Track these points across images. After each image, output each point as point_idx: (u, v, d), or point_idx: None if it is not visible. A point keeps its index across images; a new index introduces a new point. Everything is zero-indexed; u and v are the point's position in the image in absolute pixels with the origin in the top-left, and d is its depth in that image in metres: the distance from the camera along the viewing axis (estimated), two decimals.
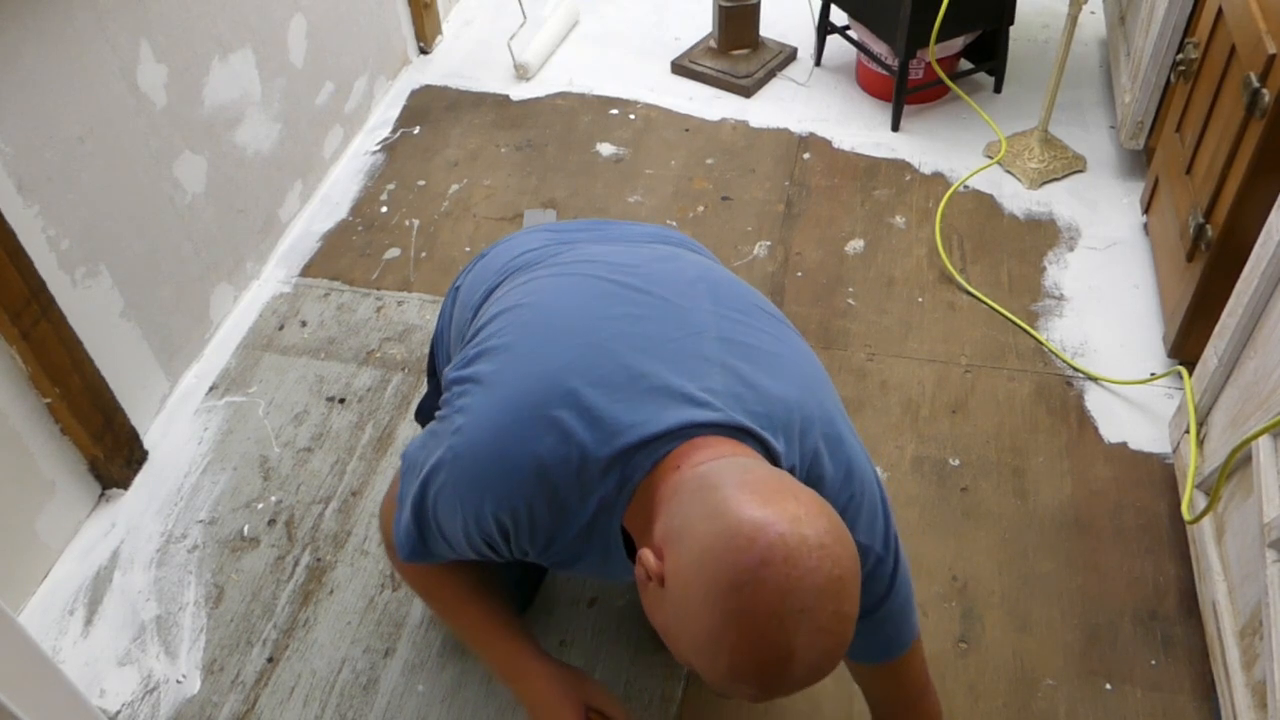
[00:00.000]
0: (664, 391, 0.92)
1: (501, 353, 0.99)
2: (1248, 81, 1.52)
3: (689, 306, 1.02)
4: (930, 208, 2.23)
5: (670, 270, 1.09)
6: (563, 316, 1.01)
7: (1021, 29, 2.73)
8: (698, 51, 2.68)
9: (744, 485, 0.81)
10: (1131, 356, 1.90)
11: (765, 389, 0.96)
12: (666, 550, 0.82)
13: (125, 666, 1.52)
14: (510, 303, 1.06)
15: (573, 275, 1.09)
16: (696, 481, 0.84)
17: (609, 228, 1.29)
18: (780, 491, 0.81)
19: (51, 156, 1.53)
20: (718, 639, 0.77)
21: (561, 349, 0.96)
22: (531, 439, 0.91)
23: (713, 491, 0.81)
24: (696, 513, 0.81)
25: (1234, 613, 1.36)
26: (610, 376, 0.93)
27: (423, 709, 1.46)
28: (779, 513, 0.77)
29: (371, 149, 2.44)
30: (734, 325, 1.02)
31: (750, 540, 0.76)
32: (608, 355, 0.95)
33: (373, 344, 1.98)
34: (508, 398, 0.95)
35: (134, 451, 1.75)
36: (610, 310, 1.00)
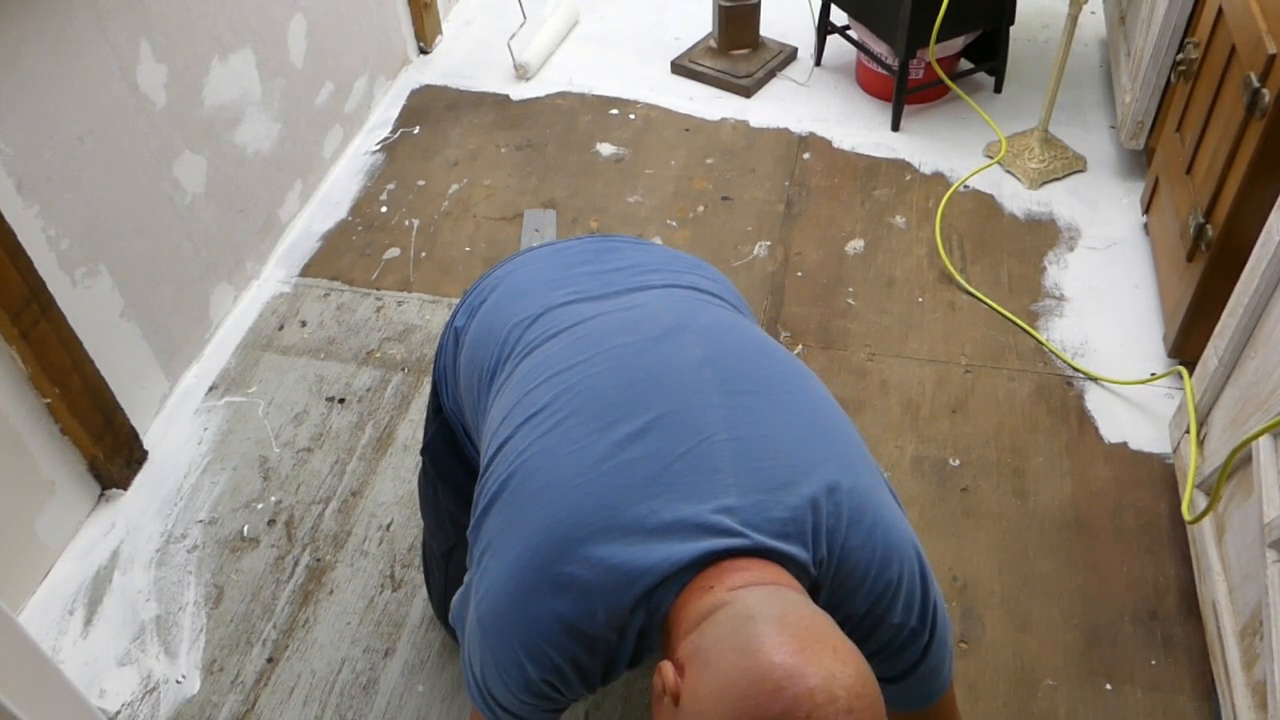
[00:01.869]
0: (677, 526, 0.88)
1: (506, 506, 0.96)
2: (1248, 81, 1.52)
3: (697, 404, 0.96)
4: (930, 208, 2.23)
5: (673, 356, 1.02)
6: (556, 462, 0.95)
7: (1021, 29, 2.73)
8: (698, 51, 2.68)
9: (783, 625, 0.78)
10: (1131, 356, 1.90)
11: (786, 491, 0.91)
12: (688, 669, 0.80)
13: (125, 666, 1.52)
14: (507, 431, 1.01)
15: (565, 391, 1.01)
16: (733, 608, 0.81)
17: (612, 256, 1.22)
18: (820, 641, 0.77)
19: (51, 156, 1.53)
20: None
21: (563, 506, 0.91)
22: (550, 599, 0.88)
23: (748, 624, 0.78)
24: (728, 642, 0.78)
25: (1234, 613, 1.36)
26: (616, 523, 0.89)
27: (423, 709, 1.46)
28: (814, 665, 0.75)
29: (371, 149, 2.44)
30: (746, 414, 0.96)
31: (778, 687, 0.73)
32: (608, 498, 0.90)
33: (373, 344, 1.98)
34: (518, 561, 0.91)
35: (134, 451, 1.75)
36: (609, 435, 0.94)
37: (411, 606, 1.57)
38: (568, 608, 0.88)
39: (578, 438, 0.95)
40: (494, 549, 0.94)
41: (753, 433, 0.94)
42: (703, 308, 1.13)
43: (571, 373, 1.02)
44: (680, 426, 0.94)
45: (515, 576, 0.91)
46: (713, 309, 1.14)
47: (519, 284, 1.21)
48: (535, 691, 0.92)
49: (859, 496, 0.94)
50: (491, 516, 0.97)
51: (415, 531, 1.67)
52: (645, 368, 1.00)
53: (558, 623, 0.88)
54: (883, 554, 0.94)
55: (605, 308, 1.11)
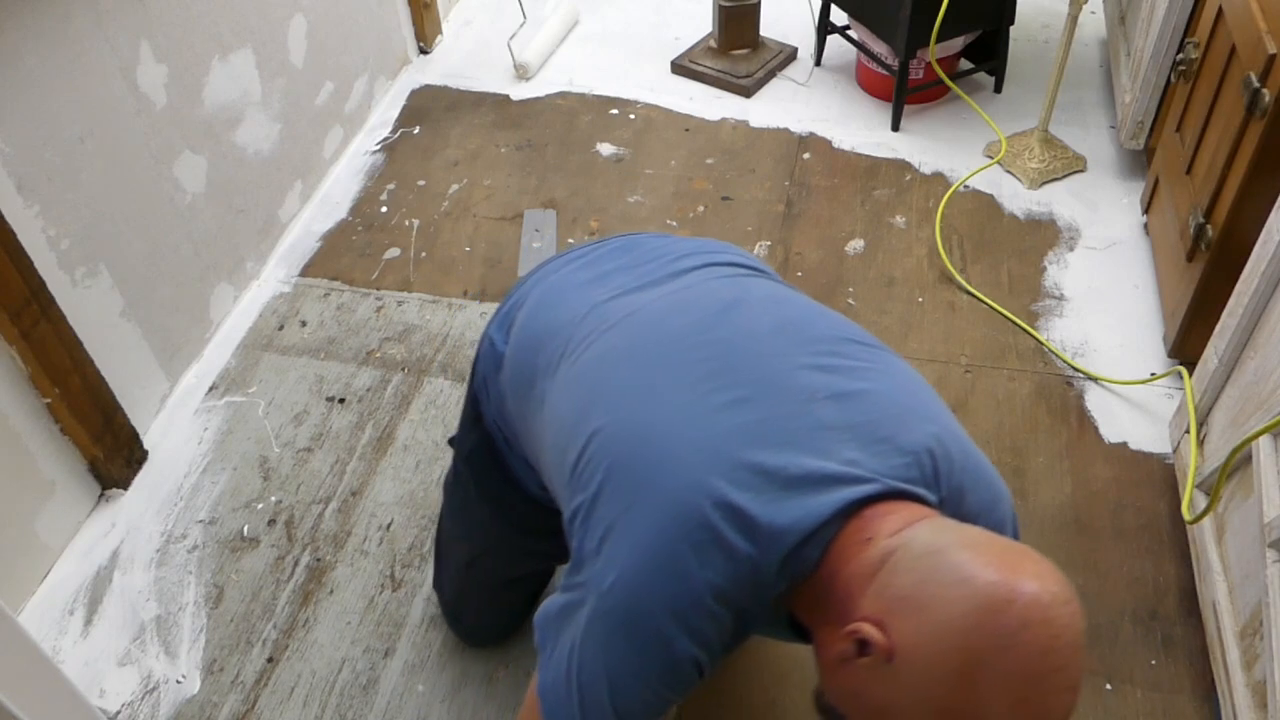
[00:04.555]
0: (809, 479, 0.86)
1: (618, 489, 0.91)
2: (1248, 81, 1.52)
3: (783, 368, 0.95)
4: (930, 208, 2.23)
5: (743, 326, 1.00)
6: (663, 426, 0.91)
7: (1021, 29, 2.73)
8: (698, 51, 2.68)
9: (972, 545, 0.79)
10: (1131, 356, 1.90)
11: (899, 439, 0.91)
12: (892, 622, 0.78)
13: (125, 666, 1.52)
14: (592, 424, 0.96)
15: (642, 367, 0.98)
16: (912, 549, 0.80)
17: (640, 249, 1.20)
18: (1011, 550, 0.79)
19: (51, 156, 1.53)
20: (973, 707, 0.75)
21: (683, 463, 0.88)
22: (698, 567, 0.84)
23: (943, 556, 0.78)
24: (932, 578, 0.77)
25: (1234, 613, 1.36)
26: (747, 478, 0.86)
27: (423, 709, 1.46)
28: (1024, 573, 0.76)
29: (371, 149, 2.44)
30: (836, 376, 0.95)
31: (1007, 602, 0.74)
32: (733, 455, 0.87)
33: (373, 344, 1.98)
34: (654, 533, 0.86)
35: (134, 451, 1.75)
36: (708, 403, 0.91)
37: (411, 606, 1.57)
38: (719, 574, 0.84)
39: (681, 408, 0.92)
40: (616, 533, 0.89)
41: (849, 388, 0.94)
42: (751, 281, 1.12)
43: (644, 359, 0.99)
44: (777, 390, 0.93)
45: (656, 549, 0.86)
46: (762, 281, 1.12)
47: (553, 291, 1.18)
48: (679, 675, 0.88)
49: (960, 441, 0.96)
50: (601, 506, 0.91)
51: (415, 531, 1.67)
52: (719, 340, 0.98)
53: (708, 590, 0.85)
54: (991, 495, 0.97)
55: (652, 295, 1.09)
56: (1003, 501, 0.98)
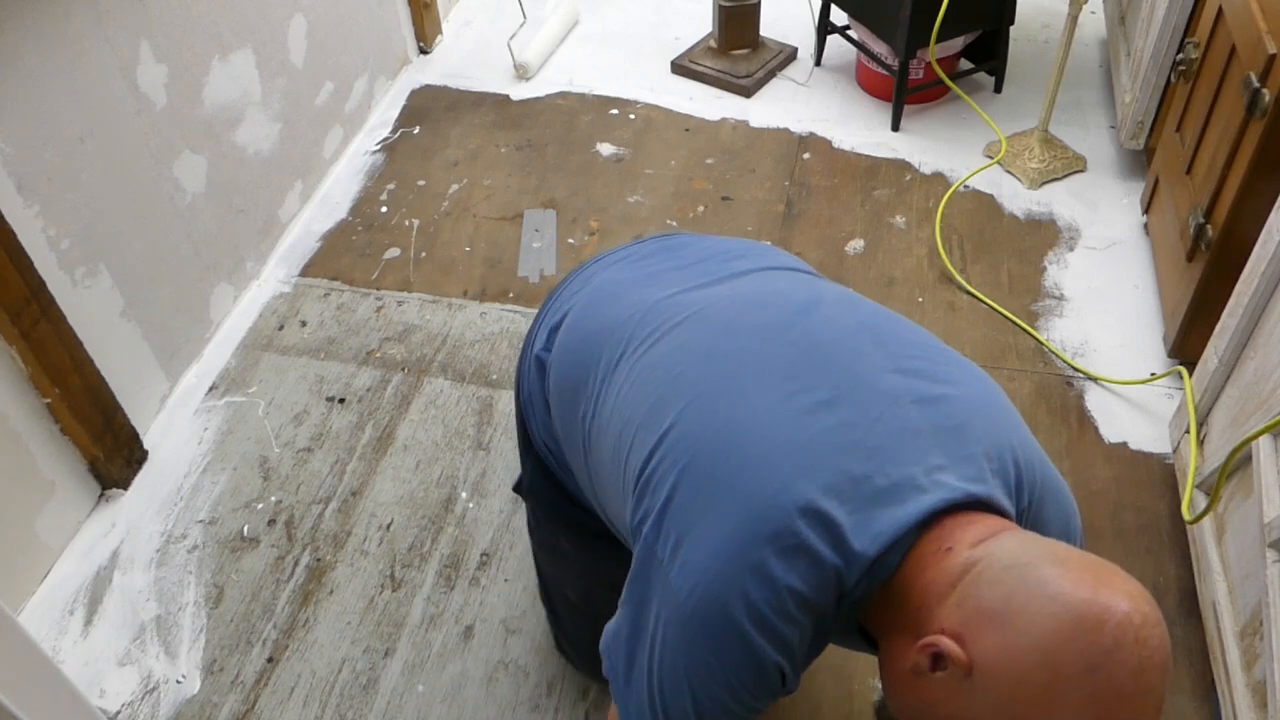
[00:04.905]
0: (892, 490, 0.84)
1: (697, 490, 0.87)
2: (1248, 81, 1.52)
3: (869, 370, 0.92)
4: (930, 208, 2.23)
5: (824, 325, 0.97)
6: (747, 426, 0.87)
7: (1021, 29, 2.73)
8: (698, 51, 2.68)
9: (1065, 563, 0.76)
10: (1131, 356, 1.90)
11: (984, 447, 0.89)
12: (974, 636, 0.76)
13: (125, 666, 1.52)
14: (667, 420, 0.91)
15: (721, 362, 0.93)
16: (997, 561, 0.78)
17: (686, 250, 1.15)
18: (1101, 567, 0.77)
19: (51, 156, 1.53)
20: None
21: (769, 466, 0.85)
22: (785, 571, 0.82)
23: (1032, 571, 0.75)
24: (1021, 592, 0.75)
25: (1234, 613, 1.36)
26: (836, 484, 0.83)
27: (423, 709, 1.46)
28: (1116, 591, 0.74)
29: (371, 149, 2.44)
30: (920, 380, 0.92)
31: (1100, 621, 0.72)
32: (822, 460, 0.85)
33: (373, 344, 1.98)
34: (736, 538, 0.83)
35: (134, 451, 1.75)
36: (795, 404, 0.88)
37: (411, 606, 1.57)
38: (804, 581, 0.82)
39: (766, 408, 0.88)
40: (694, 537, 0.85)
41: (934, 393, 0.91)
42: (820, 283, 1.08)
43: (722, 353, 0.95)
44: (864, 393, 0.90)
45: (740, 553, 0.82)
46: (828, 284, 1.10)
47: (602, 291, 1.12)
48: (763, 682, 0.85)
49: (1038, 453, 0.95)
50: (676, 509, 0.87)
51: (415, 531, 1.67)
52: (802, 339, 0.95)
53: (791, 596, 0.82)
54: (1067, 511, 0.96)
55: (719, 293, 1.04)
56: (1075, 518, 0.97)
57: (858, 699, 1.45)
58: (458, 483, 1.74)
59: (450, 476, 1.75)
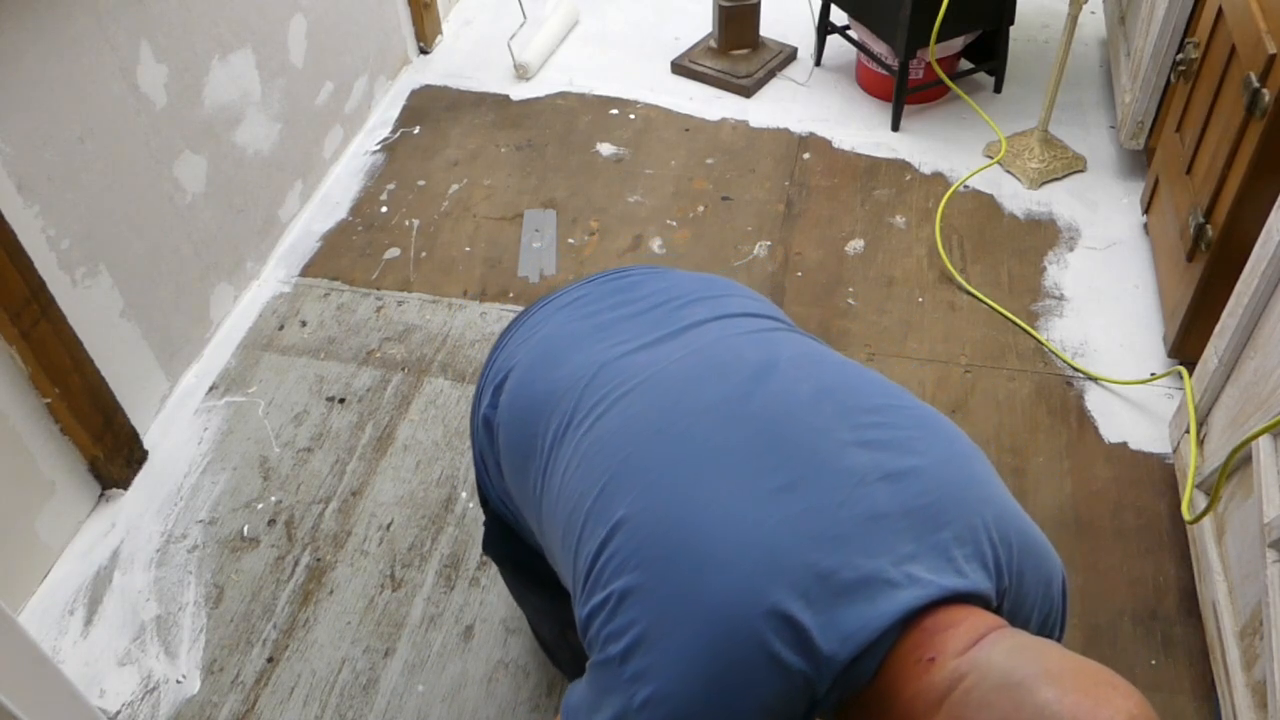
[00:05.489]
0: (861, 585, 0.79)
1: (650, 592, 0.81)
2: (1248, 81, 1.52)
3: (831, 446, 0.87)
4: (930, 208, 2.23)
5: (781, 396, 0.92)
6: (702, 522, 0.82)
7: (1021, 29, 2.73)
8: (698, 51, 2.68)
9: (1058, 680, 0.72)
10: (1131, 356, 1.90)
11: (957, 525, 0.85)
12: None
13: (125, 666, 1.52)
14: (617, 512, 0.86)
15: (674, 444, 0.88)
16: (987, 678, 0.73)
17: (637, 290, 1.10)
18: (1097, 683, 0.73)
19: (51, 156, 1.52)
20: None
21: (729, 568, 0.79)
22: (752, 683, 0.77)
23: (1022, 692, 0.71)
24: (1008, 708, 0.71)
25: (1234, 613, 1.36)
26: (801, 583, 0.79)
27: (423, 709, 1.46)
28: (1111, 711, 0.70)
29: (371, 149, 2.44)
30: (886, 453, 0.87)
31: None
32: (785, 557, 0.80)
33: (373, 344, 1.98)
34: (697, 652, 0.78)
35: (134, 451, 1.75)
36: (755, 491, 0.83)
37: (411, 606, 1.57)
38: (771, 694, 0.78)
39: (724, 497, 0.83)
40: (651, 643, 0.80)
41: (900, 466, 0.87)
42: (776, 337, 1.03)
43: (674, 435, 0.89)
44: (827, 474, 0.85)
45: (702, 666, 0.78)
46: (785, 335, 1.05)
47: (549, 346, 1.07)
48: None
49: (1016, 519, 0.90)
50: (630, 609, 0.82)
51: (415, 531, 1.67)
52: (759, 413, 0.89)
53: (758, 709, 0.78)
54: (1047, 575, 0.92)
55: (669, 353, 0.99)
56: (1055, 580, 0.93)
57: None
58: (458, 483, 1.74)
59: (450, 476, 1.75)
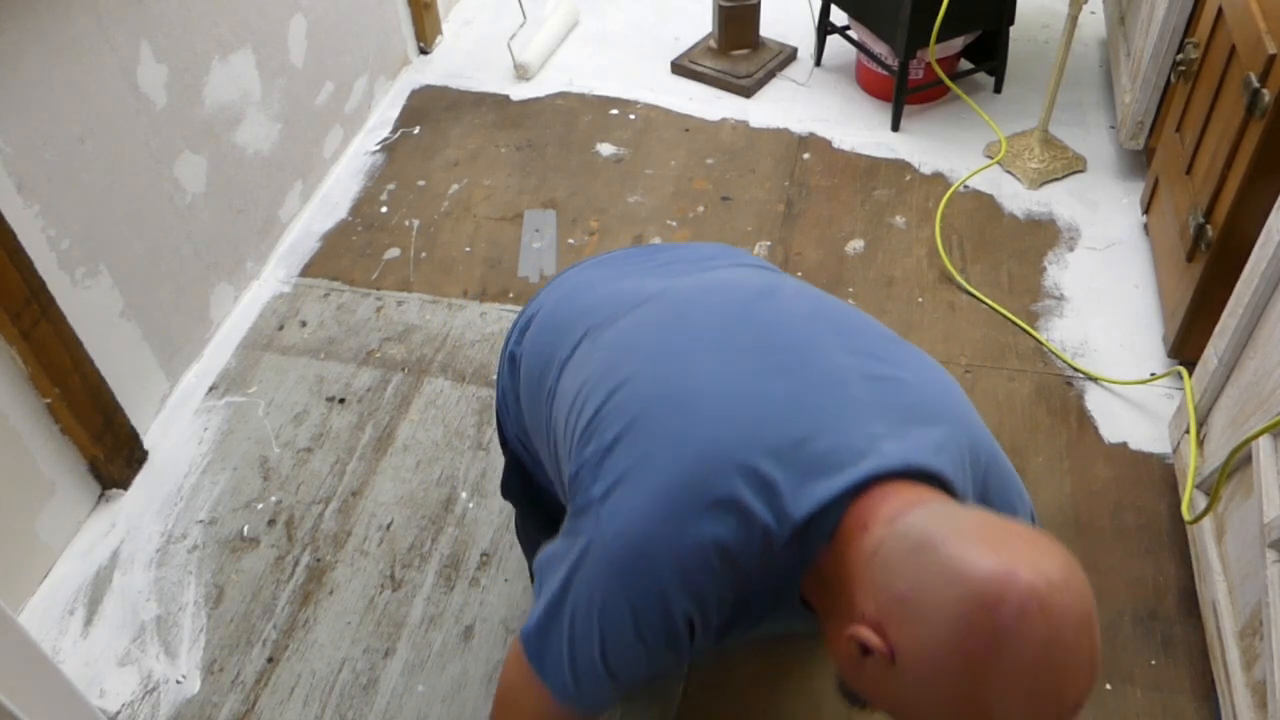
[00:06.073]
0: (831, 455, 0.85)
1: (640, 439, 0.89)
2: (1248, 81, 1.52)
3: (820, 350, 0.94)
4: (930, 208, 2.23)
5: (781, 309, 1.00)
6: (697, 386, 0.90)
7: (1021, 29, 2.73)
8: (698, 51, 2.68)
9: (964, 536, 0.75)
10: (1131, 356, 1.90)
11: (933, 426, 0.90)
12: (890, 624, 0.76)
13: (125, 666, 1.52)
14: (620, 377, 0.94)
15: (679, 333, 0.97)
16: (906, 542, 0.77)
17: (660, 253, 1.19)
18: (1004, 534, 0.76)
19: (51, 156, 1.53)
20: (983, 704, 0.73)
21: (715, 423, 0.87)
22: (710, 523, 0.83)
23: (933, 551, 0.75)
24: (924, 578, 0.74)
25: (1234, 613, 1.36)
26: (778, 448, 0.85)
27: (423, 709, 1.46)
28: (1016, 558, 0.72)
29: (371, 149, 2.44)
30: (872, 361, 0.94)
31: (999, 598, 0.71)
32: (765, 425, 0.87)
33: (373, 344, 1.98)
34: (671, 485, 0.85)
35: (134, 451, 1.75)
36: (743, 368, 0.91)
37: (411, 606, 1.57)
38: (729, 534, 0.83)
39: (718, 372, 0.91)
40: (628, 481, 0.87)
41: (885, 373, 0.93)
42: (784, 277, 1.12)
43: (678, 326, 0.98)
44: (813, 368, 0.92)
45: (668, 498, 0.85)
46: (793, 279, 1.14)
47: (572, 287, 1.17)
48: (670, 634, 0.87)
49: (989, 443, 0.97)
50: (616, 456, 0.89)
51: (415, 531, 1.67)
52: (758, 317, 0.98)
53: (714, 548, 0.83)
54: (1012, 501, 0.97)
55: (686, 280, 1.08)
56: (1023, 499, 0.97)
57: None
58: (458, 483, 1.74)
59: (450, 476, 1.75)
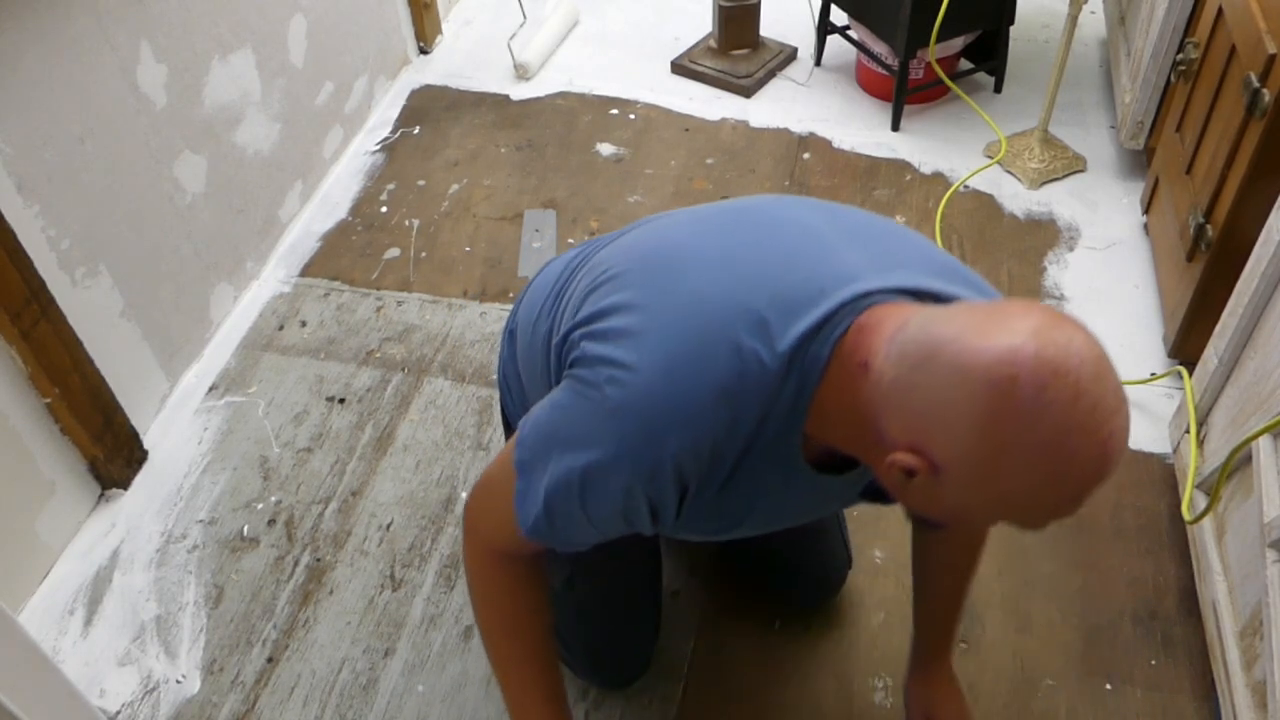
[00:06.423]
0: (821, 287, 0.88)
1: (640, 298, 0.93)
2: (1248, 81, 1.52)
3: (802, 222, 0.98)
4: (930, 208, 2.23)
5: (761, 201, 1.05)
6: (692, 254, 0.95)
7: (1021, 29, 2.73)
8: (698, 51, 2.68)
9: (960, 332, 0.75)
10: (1131, 356, 1.90)
11: (912, 257, 0.94)
12: (923, 441, 0.77)
13: (125, 666, 1.52)
14: (618, 263, 0.98)
15: (668, 225, 1.02)
16: (909, 358, 0.78)
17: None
18: (996, 315, 0.76)
19: (51, 156, 1.52)
20: (1037, 484, 0.74)
21: (706, 275, 0.91)
22: (711, 367, 0.86)
23: (937, 358, 0.76)
24: (938, 388, 0.75)
25: (1234, 613, 1.36)
26: (767, 289, 0.89)
27: (423, 709, 1.46)
28: (1014, 335, 0.73)
29: (371, 149, 2.44)
30: (854, 221, 0.99)
31: (1012, 380, 0.71)
32: (754, 272, 0.90)
33: (373, 344, 1.98)
34: (677, 335, 0.88)
35: (134, 451, 1.75)
36: (735, 238, 0.96)
37: (411, 606, 1.57)
38: (725, 372, 0.86)
39: (714, 242, 0.95)
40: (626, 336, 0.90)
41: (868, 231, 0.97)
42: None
43: (677, 218, 1.04)
44: (794, 230, 0.96)
45: (680, 347, 0.87)
46: None
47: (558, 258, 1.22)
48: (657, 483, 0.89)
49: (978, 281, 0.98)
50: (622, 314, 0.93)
51: (415, 531, 1.67)
52: (739, 208, 1.02)
53: (714, 390, 0.86)
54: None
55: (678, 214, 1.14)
56: None
57: (857, 699, 1.45)
58: (458, 483, 1.74)
59: (450, 476, 1.75)
